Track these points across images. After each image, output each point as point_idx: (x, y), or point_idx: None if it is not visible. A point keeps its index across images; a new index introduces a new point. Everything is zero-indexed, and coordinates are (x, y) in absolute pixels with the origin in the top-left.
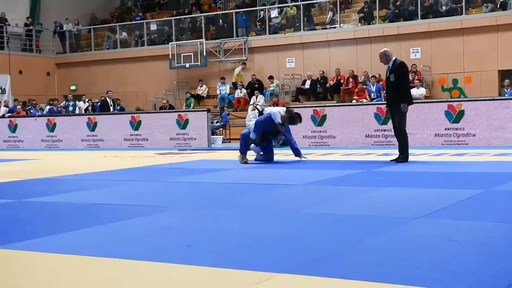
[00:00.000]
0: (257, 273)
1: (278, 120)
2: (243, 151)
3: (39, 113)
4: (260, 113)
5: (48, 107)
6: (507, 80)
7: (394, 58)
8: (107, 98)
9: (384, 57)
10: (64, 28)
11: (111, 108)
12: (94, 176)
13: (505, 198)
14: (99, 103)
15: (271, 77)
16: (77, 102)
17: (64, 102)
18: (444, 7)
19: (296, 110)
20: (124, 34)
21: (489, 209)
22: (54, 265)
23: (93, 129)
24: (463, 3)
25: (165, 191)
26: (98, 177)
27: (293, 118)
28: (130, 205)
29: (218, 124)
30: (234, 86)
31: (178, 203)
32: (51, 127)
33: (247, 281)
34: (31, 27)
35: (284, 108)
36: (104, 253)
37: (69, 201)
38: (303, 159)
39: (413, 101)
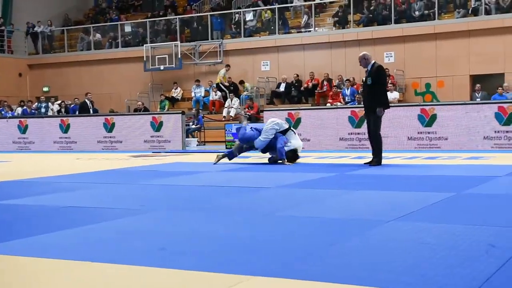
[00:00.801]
0: (230, 276)
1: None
2: (228, 154)
3: (10, 115)
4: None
5: (20, 108)
6: (478, 85)
7: (373, 61)
8: (86, 100)
9: (363, 61)
10: (36, 29)
11: (91, 110)
12: (67, 178)
13: (476, 201)
14: (72, 105)
15: (241, 82)
16: (49, 103)
17: (36, 103)
18: (417, 12)
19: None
20: (98, 35)
21: (460, 212)
22: (26, 268)
23: (66, 131)
24: (436, 9)
25: (139, 194)
26: (71, 180)
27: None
28: (104, 208)
29: (194, 126)
30: (217, 87)
31: (152, 206)
32: (23, 129)
33: (221, 283)
34: (2, 28)
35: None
36: (78, 256)
37: (41, 204)
38: (286, 164)
39: (389, 105)
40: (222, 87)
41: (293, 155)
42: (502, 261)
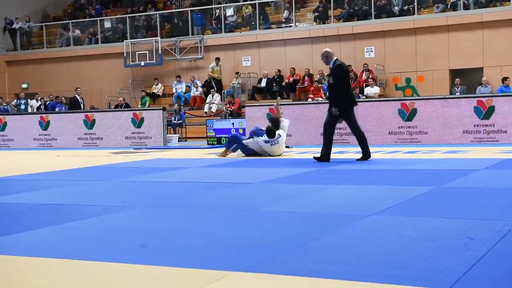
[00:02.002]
0: (210, 272)
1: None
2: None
3: None
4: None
5: None
6: (457, 79)
7: (334, 58)
8: (76, 96)
9: (324, 58)
10: (14, 26)
11: (82, 105)
12: (46, 176)
13: (455, 194)
14: (49, 102)
15: (237, 73)
16: (29, 100)
17: (15, 100)
18: (396, 8)
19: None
20: (77, 31)
21: (439, 205)
22: (5, 266)
23: (45, 128)
24: (415, 4)
25: (120, 191)
26: (51, 177)
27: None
28: (84, 205)
29: (176, 121)
30: (209, 80)
31: (133, 203)
32: (2, 126)
33: (202, 279)
34: None
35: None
36: (57, 254)
37: (20, 202)
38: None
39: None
40: (213, 82)
41: None
42: (480, 253)
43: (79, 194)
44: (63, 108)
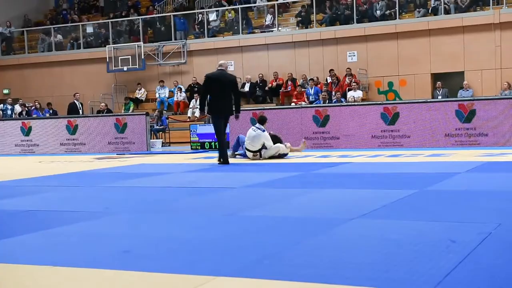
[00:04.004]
0: (194, 277)
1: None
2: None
3: None
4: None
5: None
6: (439, 83)
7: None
8: (75, 101)
9: None
10: None
11: (80, 110)
12: (28, 182)
13: (437, 197)
14: (33, 107)
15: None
16: (15, 106)
17: (1, 105)
18: (378, 12)
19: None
20: (59, 36)
21: (422, 208)
22: None
23: (27, 134)
24: (397, 8)
25: (103, 196)
26: (32, 183)
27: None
28: (66, 211)
29: (158, 127)
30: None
31: (116, 208)
32: None
33: (186, 285)
34: None
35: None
36: (40, 260)
37: (2, 208)
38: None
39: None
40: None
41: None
42: (461, 256)
43: (62, 200)
44: (41, 114)
